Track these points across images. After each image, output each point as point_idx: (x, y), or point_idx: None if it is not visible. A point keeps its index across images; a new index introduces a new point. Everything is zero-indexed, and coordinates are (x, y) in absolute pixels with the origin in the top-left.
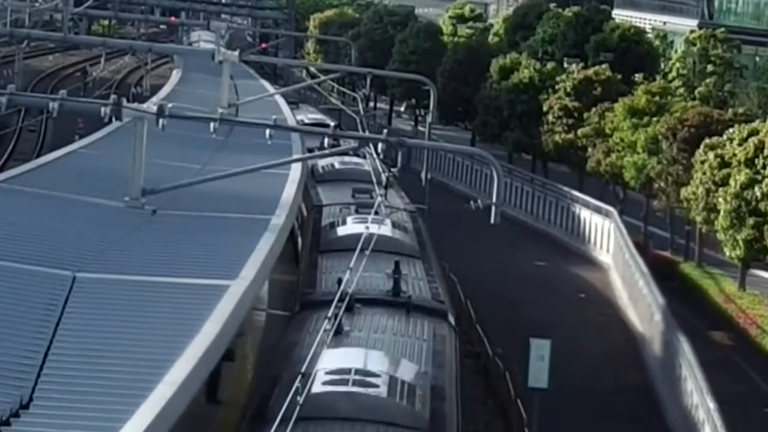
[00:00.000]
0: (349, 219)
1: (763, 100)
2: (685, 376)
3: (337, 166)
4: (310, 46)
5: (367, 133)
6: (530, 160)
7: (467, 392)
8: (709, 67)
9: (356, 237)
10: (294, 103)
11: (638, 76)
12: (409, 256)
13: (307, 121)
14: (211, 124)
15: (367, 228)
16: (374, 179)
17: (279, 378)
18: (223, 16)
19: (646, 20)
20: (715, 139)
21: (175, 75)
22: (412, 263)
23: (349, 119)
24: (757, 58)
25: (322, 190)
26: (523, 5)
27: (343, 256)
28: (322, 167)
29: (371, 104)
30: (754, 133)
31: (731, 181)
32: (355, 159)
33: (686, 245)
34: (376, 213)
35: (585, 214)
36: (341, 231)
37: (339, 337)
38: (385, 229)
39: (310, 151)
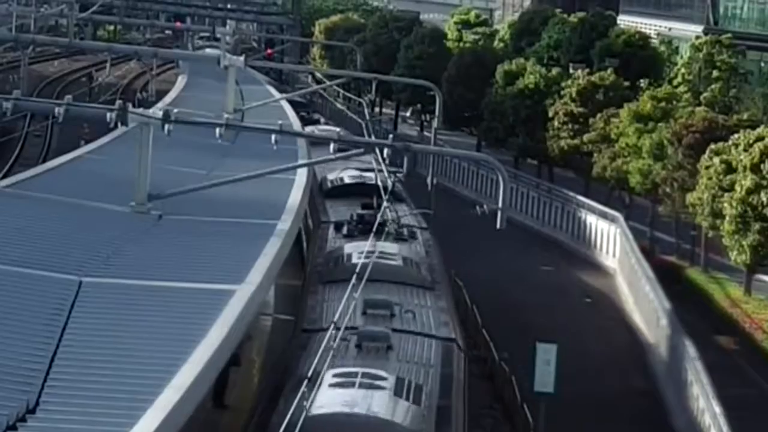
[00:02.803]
0: (327, 381)
1: None
2: (691, 381)
3: (354, 260)
4: (315, 51)
5: (373, 139)
6: (536, 166)
7: None
8: (715, 73)
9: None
10: (344, 149)
11: (643, 82)
12: None
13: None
14: (217, 130)
15: (359, 402)
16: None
17: None
18: (228, 21)
19: (652, 26)
20: (720, 144)
21: (181, 80)
22: None
23: (354, 125)
24: (762, 64)
25: (323, 297)
26: (529, 11)
27: None
28: (338, 260)
29: (377, 109)
30: (759, 138)
31: (737, 187)
32: (387, 249)
33: (692, 250)
34: (389, 348)
35: (591, 219)
36: (316, 407)
37: None
38: (384, 403)
39: (342, 232)
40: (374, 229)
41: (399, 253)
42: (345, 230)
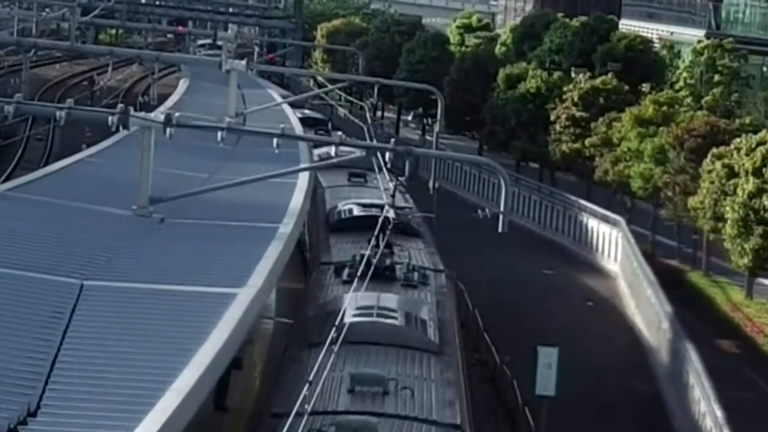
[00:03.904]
0: None
1: None
2: (693, 384)
3: (347, 317)
4: (317, 55)
5: (375, 143)
6: (537, 169)
7: None
8: (716, 77)
9: None
10: (359, 175)
11: (645, 86)
12: None
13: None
14: (219, 133)
15: None
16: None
17: None
18: (230, 25)
19: (653, 30)
20: (722, 148)
21: (183, 84)
22: None
23: (356, 129)
24: (764, 68)
25: (304, 367)
26: (531, 15)
27: None
28: (329, 317)
29: (379, 113)
30: (761, 142)
31: (738, 191)
32: (388, 302)
33: (693, 254)
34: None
35: (592, 223)
36: None
37: None
38: None
39: (342, 277)
40: (379, 274)
41: (402, 308)
42: (345, 275)
